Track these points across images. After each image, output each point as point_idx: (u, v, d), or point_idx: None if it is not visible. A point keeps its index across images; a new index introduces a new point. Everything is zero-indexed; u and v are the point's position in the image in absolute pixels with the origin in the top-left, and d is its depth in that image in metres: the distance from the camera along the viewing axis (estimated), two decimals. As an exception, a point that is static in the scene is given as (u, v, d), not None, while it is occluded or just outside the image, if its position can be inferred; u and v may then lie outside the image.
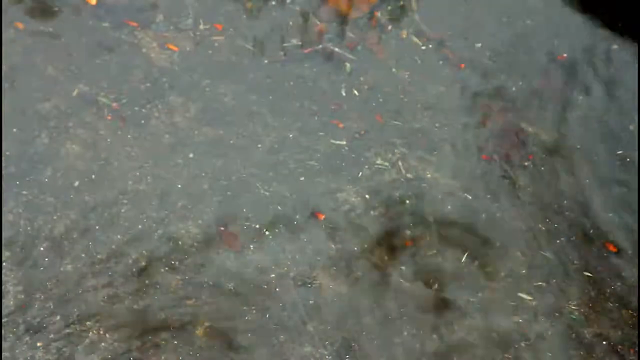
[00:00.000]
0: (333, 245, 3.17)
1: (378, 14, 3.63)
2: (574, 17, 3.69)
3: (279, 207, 3.22)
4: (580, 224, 3.28)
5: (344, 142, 3.36)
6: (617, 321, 3.12)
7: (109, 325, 2.98)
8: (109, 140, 3.29)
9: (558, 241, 3.24)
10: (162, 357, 2.95)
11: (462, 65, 3.55)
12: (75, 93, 3.37)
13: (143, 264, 3.08)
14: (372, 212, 3.24)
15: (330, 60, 3.52)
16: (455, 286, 3.14)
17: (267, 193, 3.24)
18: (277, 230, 3.18)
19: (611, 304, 3.15)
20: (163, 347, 2.96)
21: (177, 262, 3.09)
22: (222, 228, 3.17)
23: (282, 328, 3.02)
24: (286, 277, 3.11)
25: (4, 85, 3.35)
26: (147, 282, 3.05)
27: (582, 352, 3.06)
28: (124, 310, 3.01)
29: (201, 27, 3.54)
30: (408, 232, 3.21)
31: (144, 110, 3.36)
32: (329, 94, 3.45)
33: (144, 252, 3.10)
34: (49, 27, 3.48)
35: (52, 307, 2.99)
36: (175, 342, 2.97)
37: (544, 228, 3.26)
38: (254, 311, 3.04)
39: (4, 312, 2.96)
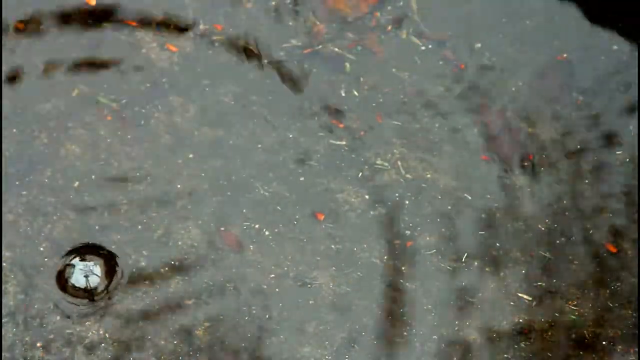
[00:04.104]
0: (333, 246, 3.17)
1: (378, 14, 3.63)
2: (574, 17, 3.69)
3: (279, 207, 3.22)
4: (580, 224, 3.28)
5: (344, 143, 3.36)
6: (617, 321, 3.12)
7: (109, 325, 2.98)
8: (108, 140, 3.29)
9: (558, 241, 3.24)
10: (162, 357, 2.95)
11: (462, 66, 3.55)
12: (75, 93, 3.37)
13: (143, 264, 3.08)
14: (372, 212, 3.24)
15: (330, 61, 3.52)
16: (455, 286, 3.13)
17: (267, 193, 3.24)
18: (276, 231, 3.18)
19: (611, 304, 3.14)
20: (163, 347, 2.96)
21: (177, 262, 3.09)
22: (222, 228, 3.17)
23: (282, 328, 3.02)
24: (286, 277, 3.11)
25: (4, 85, 3.35)
26: (146, 282, 3.05)
27: (582, 352, 3.06)
28: (124, 311, 3.01)
29: (201, 27, 3.54)
30: (408, 232, 3.21)
31: (143, 110, 3.36)
32: (328, 94, 3.45)
33: (143, 252, 3.10)
34: (49, 27, 3.48)
35: (52, 307, 2.99)
36: (175, 342, 2.97)
37: (544, 228, 3.26)
38: (254, 311, 3.04)
39: (4, 312, 2.96)
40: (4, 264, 3.04)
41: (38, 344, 2.94)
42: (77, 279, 2.97)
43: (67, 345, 2.94)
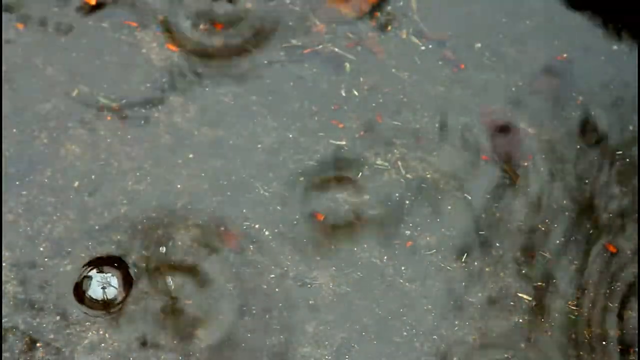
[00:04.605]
0: (332, 246, 3.17)
1: (378, 14, 3.63)
2: (574, 17, 3.69)
3: (279, 207, 3.22)
4: (580, 224, 3.28)
5: (344, 142, 3.36)
6: (617, 321, 3.12)
7: (108, 325, 2.98)
8: (108, 140, 3.29)
9: (558, 241, 3.24)
10: (162, 357, 2.95)
11: (462, 66, 3.55)
12: (75, 93, 3.37)
13: (143, 264, 3.08)
14: (371, 212, 3.24)
15: (330, 61, 3.52)
16: (455, 286, 3.13)
17: (267, 193, 3.24)
18: (276, 231, 3.18)
19: (611, 304, 3.15)
20: (163, 347, 2.96)
21: (176, 263, 3.09)
22: (222, 228, 3.17)
23: (282, 328, 3.02)
24: (286, 277, 3.11)
25: (4, 85, 3.35)
26: (146, 282, 3.05)
27: (582, 352, 3.06)
28: (124, 310, 3.01)
29: (201, 27, 3.54)
30: (408, 232, 3.21)
31: (143, 110, 3.36)
32: (328, 94, 3.45)
33: (143, 252, 3.10)
34: (49, 27, 3.48)
35: (52, 307, 2.99)
36: (175, 342, 2.97)
37: (543, 228, 3.26)
38: (254, 311, 3.04)
39: (4, 312, 2.96)
40: (4, 264, 3.04)
41: (38, 344, 2.94)
42: (95, 290, 2.98)
43: (67, 345, 2.94)
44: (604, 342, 3.08)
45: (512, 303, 3.12)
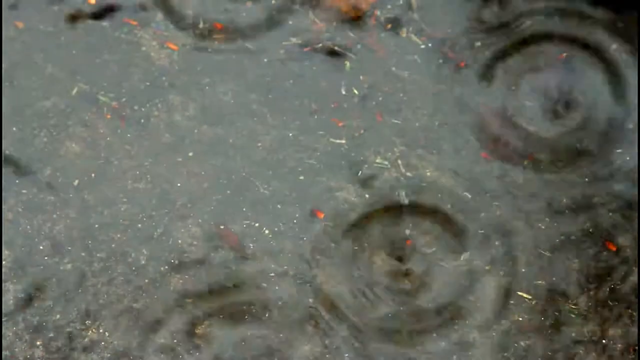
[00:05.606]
0: (332, 244, 3.17)
1: (378, 12, 3.62)
2: (573, 16, 3.68)
3: (279, 206, 3.22)
4: (580, 223, 3.27)
5: (344, 141, 3.36)
6: (617, 321, 3.12)
7: (108, 324, 2.98)
8: (108, 139, 3.29)
9: (558, 240, 3.24)
10: (162, 357, 2.95)
11: (462, 64, 3.54)
12: (74, 92, 3.37)
13: (142, 262, 3.08)
14: (371, 211, 3.24)
15: (329, 59, 3.52)
16: (455, 284, 3.13)
17: (267, 192, 3.24)
18: (276, 229, 3.18)
19: (611, 303, 3.15)
20: (163, 347, 2.96)
21: (176, 261, 3.09)
22: (221, 227, 3.17)
23: (281, 327, 3.02)
24: (286, 276, 3.11)
25: (4, 83, 3.35)
26: (146, 280, 3.05)
27: (581, 351, 3.06)
28: (124, 309, 3.01)
29: (201, 25, 3.54)
30: (407, 231, 3.21)
31: (143, 109, 3.36)
32: (328, 93, 3.45)
33: (143, 250, 3.10)
34: (49, 26, 3.48)
35: (51, 305, 2.99)
36: (175, 341, 2.97)
37: (543, 227, 3.26)
38: (254, 310, 3.04)
39: (3, 311, 2.96)
40: (3, 262, 3.04)
41: (37, 343, 2.94)
42: None
43: (67, 344, 2.94)
44: (604, 341, 3.08)
45: (512, 302, 3.12)
